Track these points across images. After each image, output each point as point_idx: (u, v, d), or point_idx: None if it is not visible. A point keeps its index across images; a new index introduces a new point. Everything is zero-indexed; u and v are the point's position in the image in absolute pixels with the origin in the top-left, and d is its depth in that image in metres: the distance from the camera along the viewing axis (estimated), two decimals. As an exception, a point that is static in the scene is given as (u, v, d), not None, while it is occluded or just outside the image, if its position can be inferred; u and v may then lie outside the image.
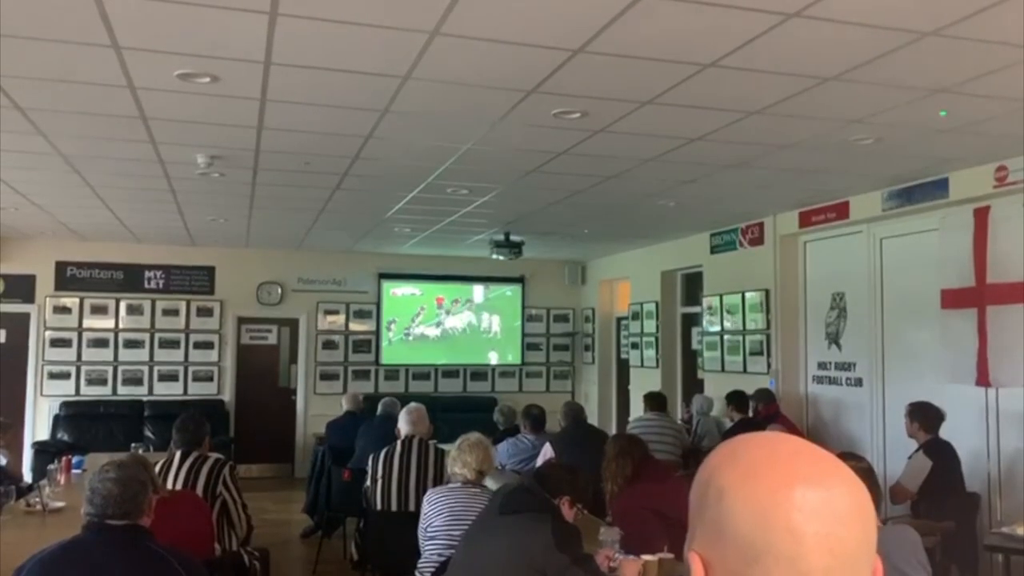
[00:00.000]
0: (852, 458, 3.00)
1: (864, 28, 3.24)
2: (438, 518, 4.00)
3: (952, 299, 5.86)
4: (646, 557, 3.41)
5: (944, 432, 5.36)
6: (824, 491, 0.84)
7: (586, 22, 3.23)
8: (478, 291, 11.68)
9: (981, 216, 5.68)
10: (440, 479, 4.67)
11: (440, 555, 3.90)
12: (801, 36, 3.33)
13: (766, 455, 0.88)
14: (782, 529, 0.82)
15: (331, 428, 8.18)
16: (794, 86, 3.97)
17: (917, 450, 5.31)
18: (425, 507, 4.10)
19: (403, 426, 5.10)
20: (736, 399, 7.30)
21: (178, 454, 4.34)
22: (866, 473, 2.90)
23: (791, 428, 6.68)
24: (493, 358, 11.69)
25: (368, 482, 4.96)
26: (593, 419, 10.50)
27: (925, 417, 5.33)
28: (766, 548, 0.83)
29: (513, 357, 11.78)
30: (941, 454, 5.23)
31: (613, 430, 10.72)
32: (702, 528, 0.88)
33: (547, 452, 5.86)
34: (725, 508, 0.86)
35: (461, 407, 10.57)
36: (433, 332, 11.49)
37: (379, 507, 4.83)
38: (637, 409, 9.97)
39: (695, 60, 3.63)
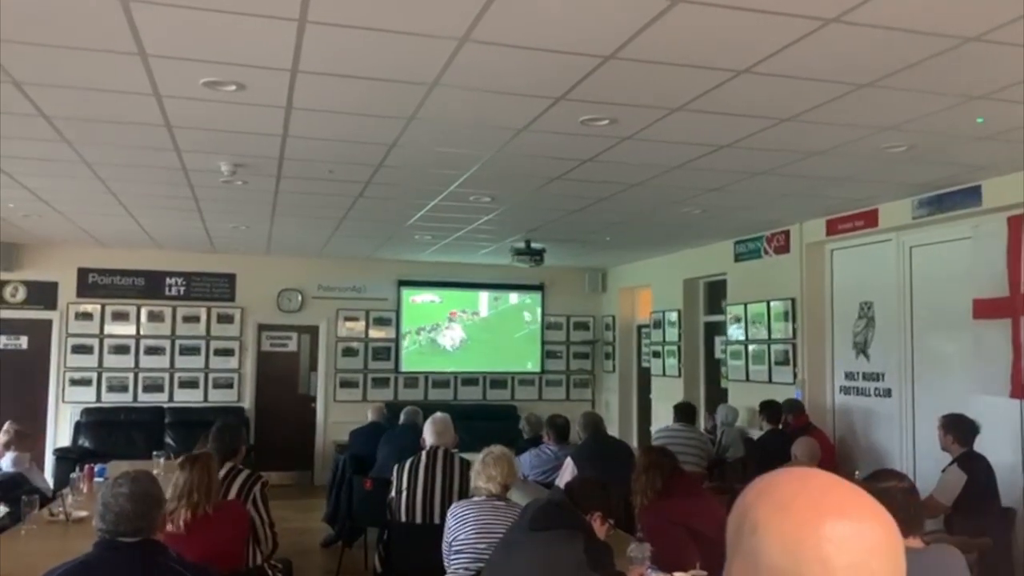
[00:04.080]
0: (894, 477, 2.89)
1: (905, 33, 3.16)
2: (463, 532, 3.94)
3: (985, 309, 5.75)
4: (678, 575, 3.34)
5: (977, 445, 5.24)
6: (854, 523, 0.87)
7: (619, 28, 3.16)
8: (505, 299, 11.65)
9: (1015, 224, 5.56)
10: (465, 491, 4.60)
11: (467, 569, 3.84)
12: (839, 41, 3.25)
13: (797, 488, 0.92)
14: (813, 560, 0.85)
15: (354, 437, 8.15)
16: (828, 92, 3.89)
17: (951, 463, 5.19)
18: (449, 521, 4.04)
19: (428, 436, 5.04)
20: (768, 409, 7.18)
21: None
22: (908, 492, 2.80)
23: (823, 441, 6.56)
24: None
25: (392, 493, 4.90)
26: (613, 428, 10.43)
27: (959, 430, 5.22)
28: None
29: (533, 365, 11.71)
30: (976, 467, 5.11)
31: (634, 440, 10.63)
32: (738, 560, 0.92)
33: (568, 467, 5.75)
34: (759, 540, 0.89)
35: (481, 415, 10.51)
36: (453, 340, 11.46)
37: (403, 519, 4.77)
38: (658, 418, 9.88)
39: (729, 66, 3.56)
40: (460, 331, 11.45)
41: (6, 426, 6.36)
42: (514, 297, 11.68)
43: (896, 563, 0.88)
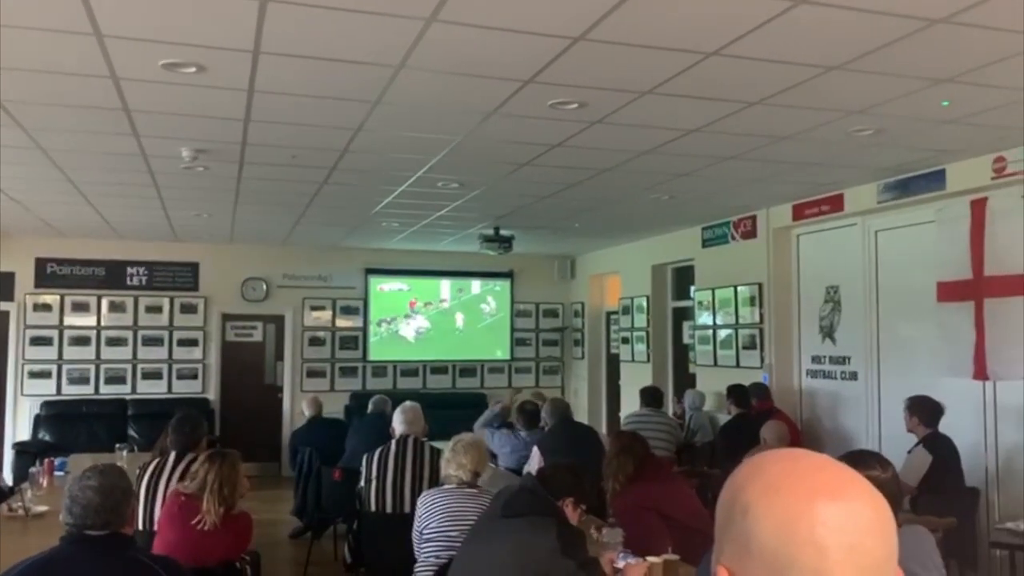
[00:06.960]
0: (876, 464, 2.74)
1: (874, 15, 3.15)
2: (434, 520, 3.91)
3: (948, 292, 5.81)
4: (651, 559, 3.32)
5: (941, 426, 5.31)
6: (846, 504, 0.86)
7: (589, 8, 3.12)
8: (473, 286, 11.59)
9: (978, 208, 5.62)
10: (436, 480, 4.56)
11: (438, 557, 3.80)
12: (809, 23, 3.23)
13: (787, 470, 0.91)
14: (806, 543, 0.84)
15: (296, 438, 7.98)
16: (797, 75, 3.88)
17: (917, 444, 5.26)
18: (420, 509, 4.01)
19: (398, 425, 4.99)
20: (736, 393, 7.23)
21: (172, 455, 4.21)
22: (886, 483, 2.71)
23: (789, 424, 6.62)
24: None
25: (362, 482, 4.85)
26: (583, 415, 10.45)
27: (925, 411, 5.28)
28: (791, 562, 0.84)
29: (502, 353, 11.68)
30: (941, 448, 5.18)
31: (603, 426, 10.65)
32: (729, 543, 0.90)
33: (535, 456, 5.69)
34: (750, 523, 0.88)
35: (450, 403, 10.46)
36: (421, 326, 11.39)
37: (373, 508, 4.73)
38: (628, 404, 9.91)
39: (699, 48, 3.53)
40: (423, 321, 11.37)
41: None
42: (476, 288, 11.62)
43: (889, 541, 0.87)
